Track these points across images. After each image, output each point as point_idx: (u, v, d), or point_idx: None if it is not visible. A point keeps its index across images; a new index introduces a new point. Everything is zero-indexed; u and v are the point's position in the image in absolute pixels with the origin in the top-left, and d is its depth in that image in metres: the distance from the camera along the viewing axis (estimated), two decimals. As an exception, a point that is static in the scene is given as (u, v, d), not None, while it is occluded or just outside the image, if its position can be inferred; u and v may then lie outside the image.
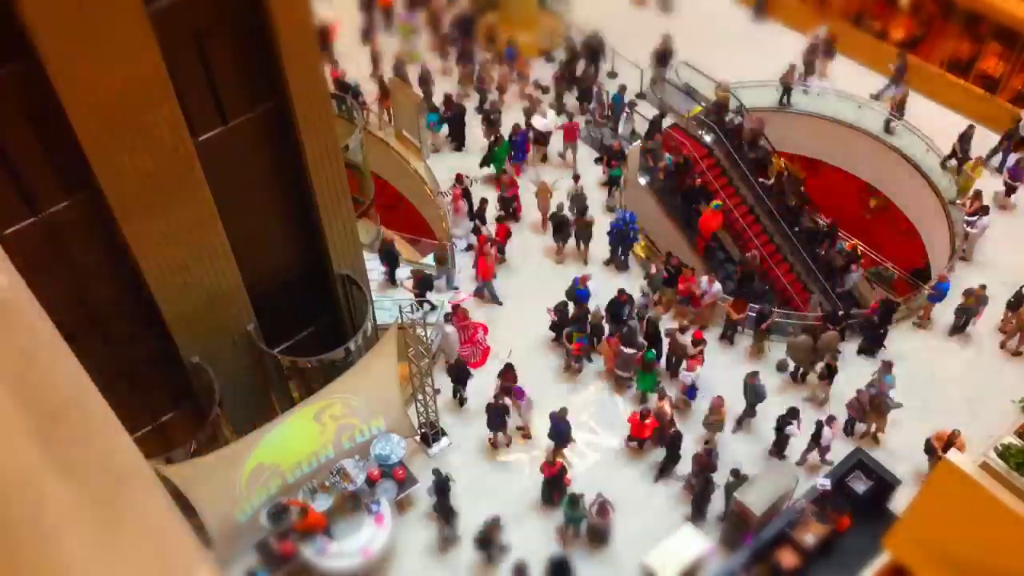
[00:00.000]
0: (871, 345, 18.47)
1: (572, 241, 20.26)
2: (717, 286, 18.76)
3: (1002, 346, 18.50)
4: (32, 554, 2.09)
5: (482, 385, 17.44)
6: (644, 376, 17.10)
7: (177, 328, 13.24)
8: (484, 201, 20.66)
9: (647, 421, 16.06)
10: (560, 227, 20.04)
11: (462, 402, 17.47)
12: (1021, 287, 18.66)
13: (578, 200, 20.20)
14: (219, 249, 12.91)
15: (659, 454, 16.41)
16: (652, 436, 16.36)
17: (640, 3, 28.39)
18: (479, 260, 19.24)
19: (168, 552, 2.64)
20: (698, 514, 15.49)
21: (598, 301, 18.18)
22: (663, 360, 17.85)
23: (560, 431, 15.87)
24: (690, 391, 17.10)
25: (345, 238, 14.75)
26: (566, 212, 20.30)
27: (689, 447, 16.26)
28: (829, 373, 17.21)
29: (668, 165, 21.66)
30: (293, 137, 12.79)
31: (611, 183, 21.97)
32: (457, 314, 17.84)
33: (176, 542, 2.74)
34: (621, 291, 17.92)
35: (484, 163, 22.11)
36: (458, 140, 23.28)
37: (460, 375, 17.07)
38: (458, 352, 17.83)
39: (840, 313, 18.30)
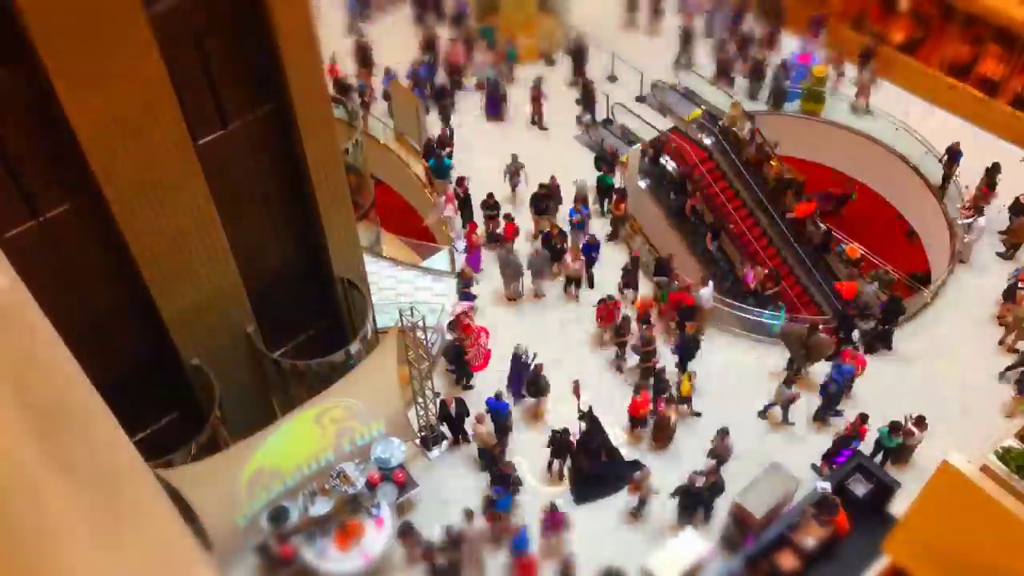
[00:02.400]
0: (875, 344, 18.46)
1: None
2: (706, 290, 18.65)
3: (1001, 343, 18.50)
4: (31, 555, 2.09)
5: (483, 389, 17.53)
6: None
7: (177, 330, 13.23)
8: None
9: (638, 397, 16.41)
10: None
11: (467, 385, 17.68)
12: (1015, 279, 18.76)
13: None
14: (219, 251, 12.90)
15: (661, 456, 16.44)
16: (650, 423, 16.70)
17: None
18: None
19: (168, 554, 2.63)
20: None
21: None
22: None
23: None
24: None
25: (345, 241, 14.75)
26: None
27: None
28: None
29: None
30: (293, 139, 12.79)
31: (602, 192, 21.45)
32: (460, 320, 17.85)
33: (176, 544, 2.74)
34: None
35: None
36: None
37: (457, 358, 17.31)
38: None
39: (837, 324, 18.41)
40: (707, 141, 23.15)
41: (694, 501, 15.21)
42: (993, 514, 8.33)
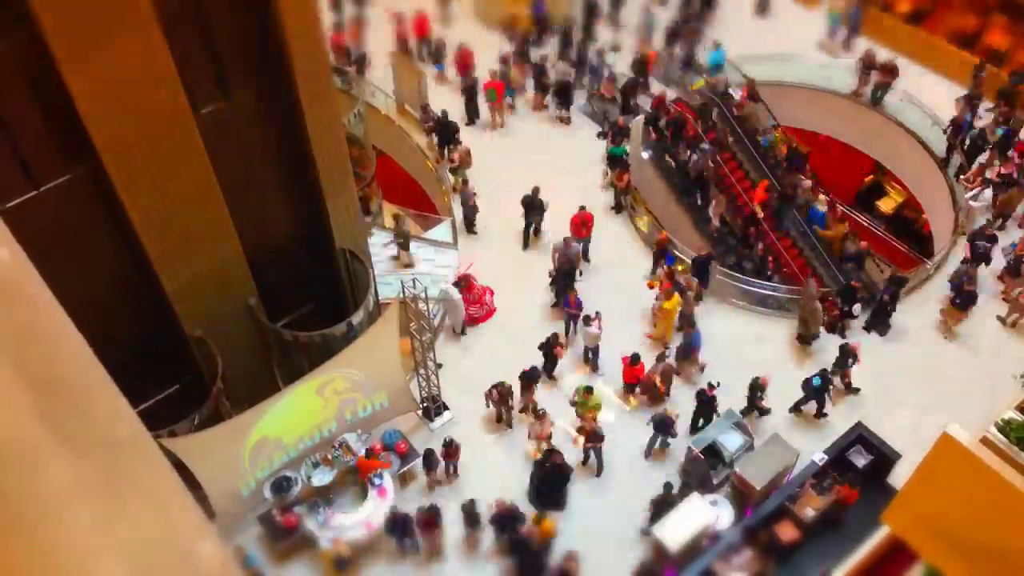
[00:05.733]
0: (878, 322, 18.45)
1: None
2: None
3: (1002, 320, 18.48)
4: (32, 527, 2.10)
5: (487, 345, 17.90)
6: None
7: (179, 302, 13.25)
8: None
9: (636, 367, 16.55)
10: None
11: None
12: (1012, 254, 18.73)
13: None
14: (221, 223, 12.90)
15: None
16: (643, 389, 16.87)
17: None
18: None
19: (171, 524, 2.65)
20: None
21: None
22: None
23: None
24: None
25: (347, 212, 14.72)
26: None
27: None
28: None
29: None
30: (295, 111, 12.73)
31: (610, 163, 21.14)
32: (467, 278, 17.97)
33: (179, 514, 2.75)
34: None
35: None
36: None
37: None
38: (464, 313, 17.97)
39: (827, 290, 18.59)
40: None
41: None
42: (993, 486, 8.35)
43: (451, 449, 15.42)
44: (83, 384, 2.53)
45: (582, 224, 19.09)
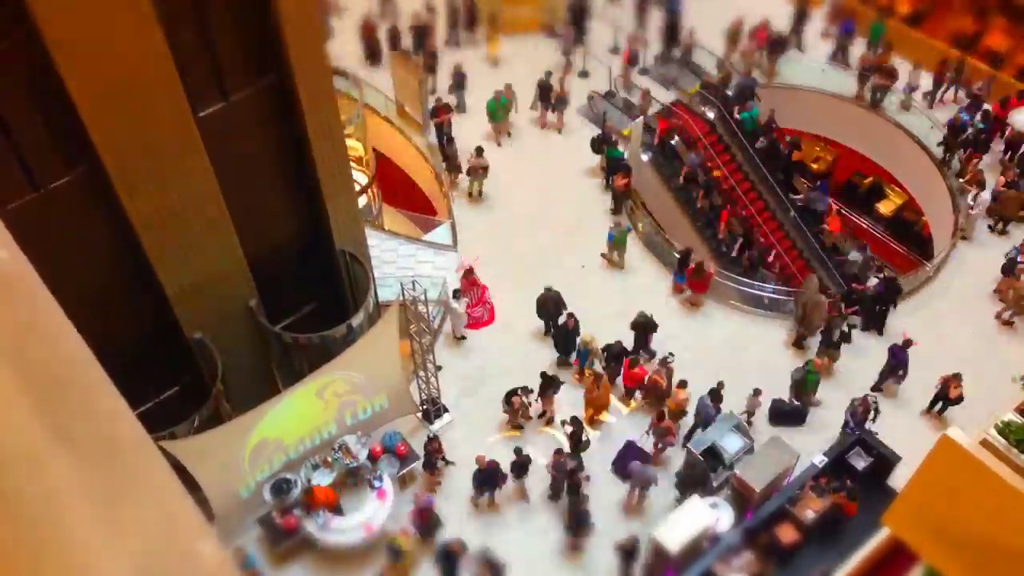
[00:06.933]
0: (872, 323, 18.45)
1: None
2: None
3: (998, 317, 18.50)
4: (32, 527, 2.09)
5: (487, 347, 17.83)
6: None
7: (179, 303, 13.24)
8: None
9: (635, 370, 16.59)
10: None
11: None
12: (1015, 253, 18.75)
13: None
14: (221, 224, 12.88)
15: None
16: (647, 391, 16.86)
17: None
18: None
19: (171, 525, 2.64)
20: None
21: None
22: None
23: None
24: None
25: (347, 214, 14.72)
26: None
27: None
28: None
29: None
30: (295, 112, 12.73)
31: (609, 167, 21.03)
32: (465, 277, 17.90)
33: (179, 515, 2.75)
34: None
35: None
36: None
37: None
38: (465, 321, 17.92)
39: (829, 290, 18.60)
40: (710, 114, 23.02)
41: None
42: (993, 487, 8.35)
43: (433, 445, 15.48)
44: (83, 384, 2.53)
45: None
